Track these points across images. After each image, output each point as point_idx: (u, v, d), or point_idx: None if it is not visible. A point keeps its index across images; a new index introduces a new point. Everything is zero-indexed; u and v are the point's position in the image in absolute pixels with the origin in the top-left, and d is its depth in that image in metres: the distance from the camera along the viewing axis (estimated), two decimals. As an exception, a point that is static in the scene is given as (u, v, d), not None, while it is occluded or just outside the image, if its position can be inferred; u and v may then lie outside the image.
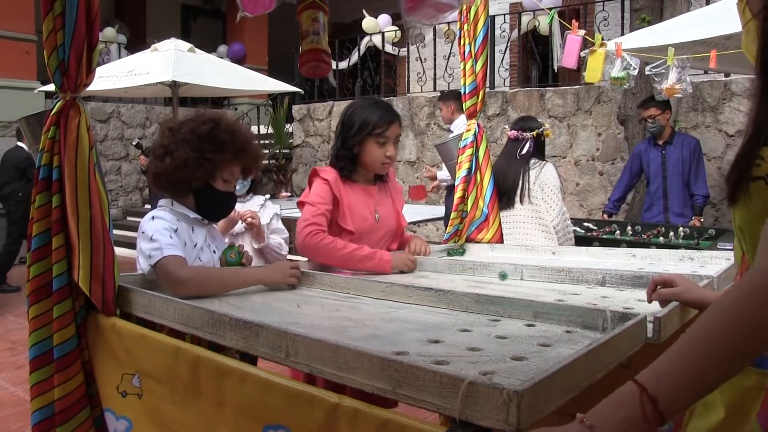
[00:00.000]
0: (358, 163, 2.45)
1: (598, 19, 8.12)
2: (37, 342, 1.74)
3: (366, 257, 2.29)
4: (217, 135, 1.98)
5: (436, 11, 1.98)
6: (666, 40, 4.02)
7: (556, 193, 3.53)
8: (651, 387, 0.89)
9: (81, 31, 1.62)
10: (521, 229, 3.51)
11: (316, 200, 2.36)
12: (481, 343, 1.33)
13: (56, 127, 1.68)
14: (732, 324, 0.90)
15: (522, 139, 3.65)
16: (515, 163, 3.63)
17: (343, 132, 2.45)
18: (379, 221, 2.49)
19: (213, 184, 2.03)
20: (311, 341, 1.20)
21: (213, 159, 1.97)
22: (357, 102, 2.53)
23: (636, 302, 1.72)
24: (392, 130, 2.41)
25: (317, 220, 2.31)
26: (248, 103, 12.49)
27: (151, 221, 1.93)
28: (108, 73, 7.65)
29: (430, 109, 8.68)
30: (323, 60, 2.23)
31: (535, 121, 3.79)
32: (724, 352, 0.90)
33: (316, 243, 2.27)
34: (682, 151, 5.03)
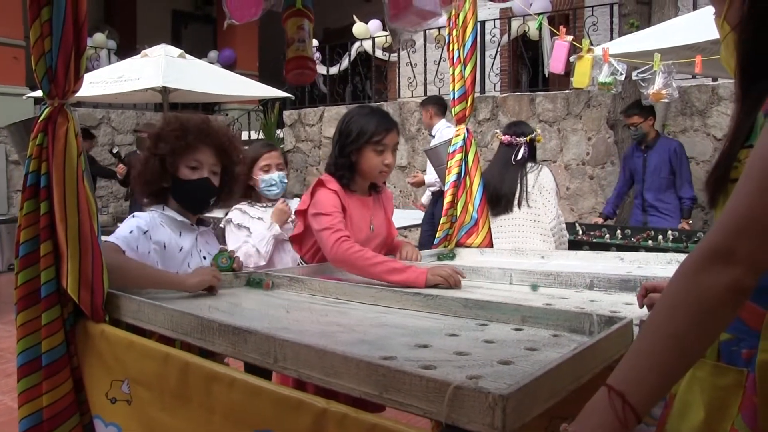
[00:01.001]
0: (356, 171, 2.42)
1: (588, 24, 8.17)
2: (26, 349, 1.73)
3: (399, 269, 2.13)
4: (162, 130, 2.05)
5: (420, 18, 2.00)
6: (653, 45, 4.05)
7: (553, 196, 3.55)
8: (616, 383, 0.92)
9: (69, 37, 1.62)
10: (520, 233, 3.51)
11: (331, 210, 2.28)
12: (468, 347, 1.34)
13: (44, 134, 1.68)
14: (677, 312, 0.94)
15: (516, 144, 3.65)
16: (511, 168, 3.62)
17: (341, 140, 2.42)
18: (374, 231, 2.48)
19: (179, 176, 2.05)
20: (299, 347, 1.20)
21: (162, 152, 2.02)
22: (354, 110, 2.50)
23: (623, 306, 1.73)
24: (390, 138, 2.39)
25: (342, 226, 2.25)
26: (239, 108, 12.47)
27: (131, 218, 2.04)
28: (98, 78, 7.62)
29: (420, 114, 8.70)
30: (308, 67, 2.24)
31: (527, 126, 3.81)
32: (677, 336, 0.93)
33: (346, 250, 2.17)
34: (662, 156, 5.13)
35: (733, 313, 0.94)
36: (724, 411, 1.13)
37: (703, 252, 0.94)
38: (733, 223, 0.92)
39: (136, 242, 1.96)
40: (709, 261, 0.92)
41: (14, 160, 8.91)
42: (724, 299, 0.91)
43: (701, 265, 0.93)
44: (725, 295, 0.91)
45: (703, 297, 0.92)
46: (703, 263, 0.93)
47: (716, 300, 0.91)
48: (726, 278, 0.90)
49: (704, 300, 0.92)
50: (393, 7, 1.93)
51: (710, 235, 0.94)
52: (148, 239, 1.98)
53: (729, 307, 0.93)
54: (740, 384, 1.11)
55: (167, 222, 2.07)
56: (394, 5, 1.93)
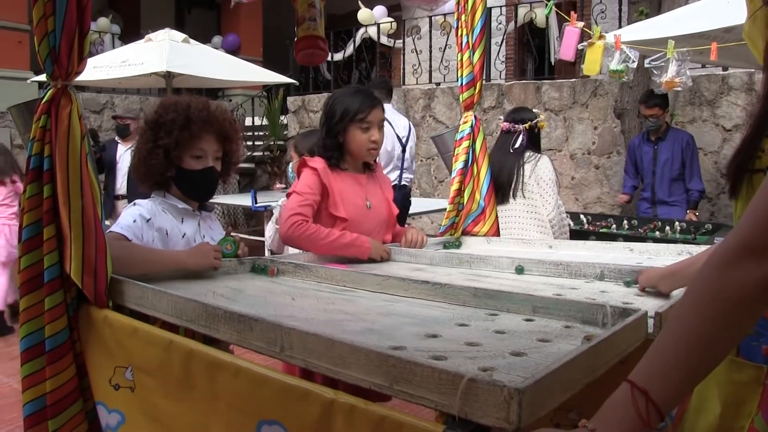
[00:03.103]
0: (344, 151, 2.48)
1: (596, 12, 8.08)
2: (29, 333, 1.71)
3: (348, 244, 2.33)
4: (164, 118, 2.00)
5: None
6: (665, 32, 3.98)
7: (552, 187, 3.47)
8: (640, 379, 0.88)
9: (72, 17, 1.58)
10: (516, 224, 3.47)
11: (303, 190, 2.40)
12: (479, 337, 1.31)
13: (47, 116, 1.65)
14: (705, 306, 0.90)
15: (514, 132, 3.57)
16: (509, 157, 3.55)
17: (327, 121, 2.49)
18: (371, 209, 2.50)
19: (183, 166, 2.02)
20: (306, 335, 1.18)
21: (166, 143, 1.97)
22: (338, 91, 2.57)
23: (635, 297, 1.70)
24: (374, 115, 2.44)
25: (302, 211, 2.34)
26: (243, 94, 12.40)
27: (132, 206, 2.01)
28: (101, 63, 7.58)
29: (425, 101, 8.64)
30: (319, 47, 2.20)
31: (528, 112, 3.69)
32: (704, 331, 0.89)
33: (300, 233, 2.31)
34: (673, 147, 5.07)
35: (763, 309, 0.91)
36: (741, 407, 1.10)
37: (734, 246, 0.90)
38: (766, 216, 0.88)
39: (140, 231, 1.94)
40: (740, 255, 0.89)
41: (19, 144, 8.87)
42: (755, 295, 0.88)
43: (731, 259, 0.89)
44: (756, 291, 0.87)
45: (733, 292, 0.88)
46: (734, 258, 0.89)
47: (747, 295, 0.88)
48: (758, 273, 0.87)
49: (734, 295, 0.88)
50: None
51: (740, 229, 0.91)
52: (151, 227, 1.97)
53: (760, 303, 0.89)
54: (759, 380, 1.09)
55: (169, 209, 2.05)
56: None
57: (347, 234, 2.35)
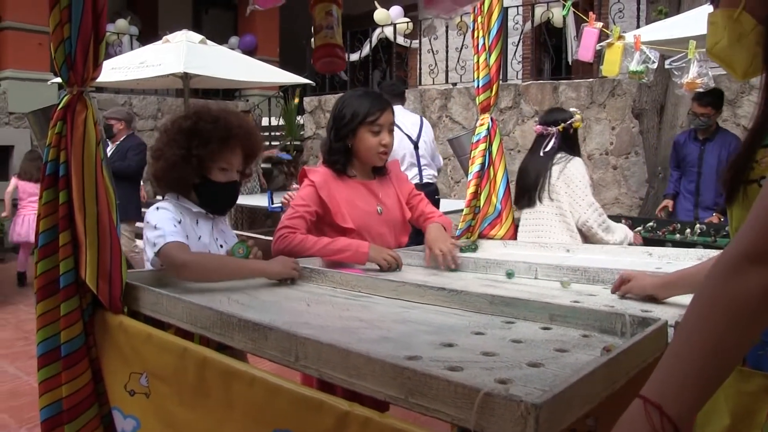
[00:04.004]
0: (353, 155, 2.42)
1: (613, 11, 8.01)
2: (45, 339, 1.72)
3: (341, 249, 2.26)
4: (200, 128, 1.98)
5: (456, 4, 1.92)
6: (686, 32, 3.92)
7: (583, 189, 3.26)
8: (652, 394, 0.87)
9: (87, 24, 1.59)
10: (544, 227, 3.31)
11: (297, 203, 2.36)
12: (495, 347, 1.29)
13: (63, 122, 1.65)
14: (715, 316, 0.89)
15: (547, 135, 3.39)
16: (539, 159, 3.39)
17: (335, 124, 2.42)
18: (382, 214, 2.44)
19: (210, 177, 2.02)
20: (321, 345, 1.16)
21: (200, 153, 1.97)
22: (347, 93, 2.49)
23: (655, 305, 1.67)
24: (385, 118, 2.37)
25: (291, 223, 2.30)
26: (259, 94, 12.44)
27: (155, 211, 1.97)
28: (120, 64, 7.64)
29: (441, 101, 8.62)
30: (337, 55, 2.19)
31: (562, 113, 3.48)
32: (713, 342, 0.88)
33: (286, 245, 2.27)
34: (721, 151, 4.84)
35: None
36: (751, 418, 1.09)
37: (737, 254, 0.89)
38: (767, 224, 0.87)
39: (184, 233, 1.95)
40: (744, 263, 0.88)
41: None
42: (762, 302, 0.86)
43: (735, 267, 0.88)
44: (762, 298, 0.86)
45: (739, 300, 0.87)
46: (737, 265, 0.88)
47: (753, 303, 0.87)
48: (762, 280, 0.86)
49: (740, 303, 0.87)
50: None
51: (742, 237, 0.90)
52: (183, 227, 1.97)
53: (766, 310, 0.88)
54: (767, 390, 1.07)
55: (185, 211, 2.05)
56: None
57: (340, 239, 2.29)
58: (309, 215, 2.34)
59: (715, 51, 1.20)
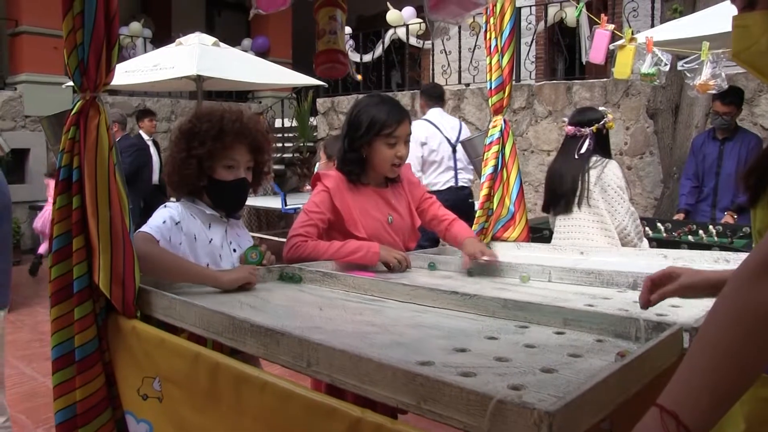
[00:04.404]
0: (366, 165, 2.36)
1: (627, 10, 7.96)
2: (60, 343, 1.73)
3: (353, 250, 2.25)
4: (197, 128, 2.00)
5: (462, 9, 1.91)
6: (700, 31, 3.87)
7: (620, 194, 3.16)
8: (669, 403, 0.86)
9: (100, 29, 1.59)
10: (581, 235, 3.19)
11: (310, 208, 2.33)
12: (508, 352, 1.28)
13: (76, 128, 1.66)
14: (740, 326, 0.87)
15: (580, 136, 3.26)
16: (574, 162, 3.25)
17: (350, 132, 2.35)
18: (393, 223, 2.41)
19: (215, 176, 2.03)
20: (333, 351, 1.16)
21: (200, 153, 1.98)
22: (363, 99, 2.41)
23: (670, 308, 1.65)
24: (402, 129, 2.31)
25: (303, 231, 2.28)
26: (272, 96, 12.47)
27: (162, 208, 2.02)
28: (134, 67, 7.68)
29: (455, 102, 8.59)
30: (339, 61, 2.17)
31: (594, 112, 3.33)
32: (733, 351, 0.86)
33: (299, 255, 2.26)
34: (740, 149, 4.76)
35: None
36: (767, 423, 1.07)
37: (758, 263, 0.87)
38: None
39: (168, 233, 1.94)
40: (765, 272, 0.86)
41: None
42: None
43: (758, 275, 0.87)
44: None
45: (761, 309, 0.85)
46: (761, 273, 0.86)
47: None
48: None
49: (762, 312, 0.85)
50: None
51: (763, 245, 0.88)
52: (180, 230, 1.97)
53: None
54: None
55: (198, 214, 2.06)
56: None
57: (350, 241, 2.27)
58: (321, 223, 2.32)
59: (745, 56, 1.13)
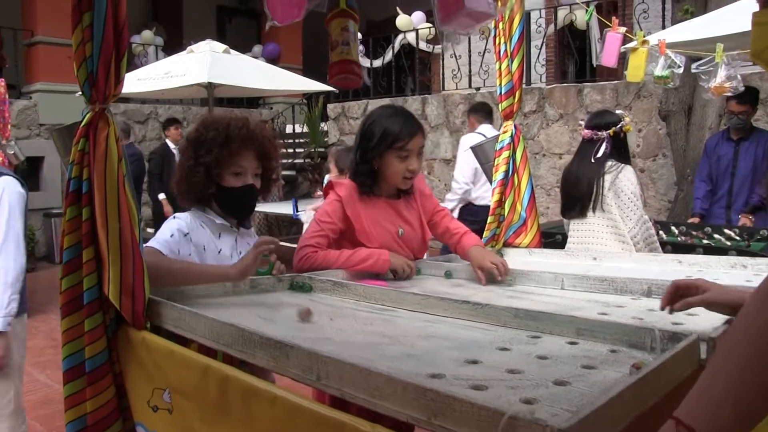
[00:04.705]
0: (378, 176, 2.35)
1: (638, 12, 7.92)
2: (70, 354, 1.72)
3: (364, 258, 2.24)
4: (204, 136, 2.01)
5: (472, 20, 1.89)
6: (713, 32, 3.82)
7: (633, 201, 3.15)
8: (687, 416, 0.83)
9: (109, 41, 1.59)
10: (596, 240, 3.18)
11: (322, 218, 2.32)
12: (521, 364, 1.26)
13: (86, 139, 1.66)
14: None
15: (597, 140, 3.23)
16: (590, 166, 3.23)
17: (362, 144, 2.34)
18: (403, 236, 2.39)
19: (223, 184, 2.03)
20: (343, 364, 1.15)
21: (207, 161, 1.98)
22: (377, 111, 2.40)
23: (685, 317, 1.63)
24: (415, 143, 2.29)
25: (314, 242, 2.27)
26: (283, 102, 12.51)
27: (171, 219, 2.03)
28: (145, 75, 7.74)
29: (465, 106, 8.57)
30: (353, 71, 2.15)
31: (611, 115, 3.32)
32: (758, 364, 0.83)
33: (310, 265, 2.24)
34: (756, 149, 4.70)
35: None
36: None
37: None
38: None
39: (177, 246, 1.95)
40: None
41: (66, 157, 9.10)
42: None
43: None
44: None
45: None
46: None
47: None
48: None
49: None
50: (443, 9, 1.83)
51: None
52: (188, 241, 1.98)
53: None
54: None
55: (207, 223, 2.06)
56: (443, 7, 1.83)
57: (360, 250, 2.26)
58: (332, 233, 2.31)
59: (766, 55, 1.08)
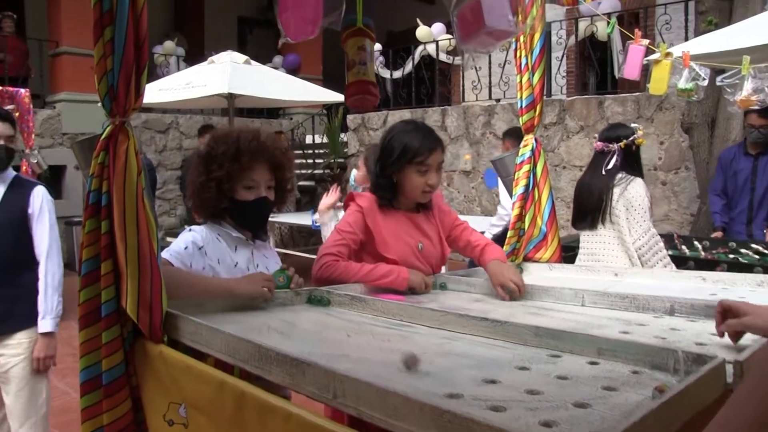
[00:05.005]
0: (398, 190, 2.36)
1: (660, 23, 7.84)
2: (87, 366, 1.72)
3: (384, 274, 2.23)
4: (215, 150, 2.01)
5: (493, 39, 1.87)
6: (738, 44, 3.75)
7: (641, 214, 3.16)
8: None
9: (129, 56, 1.60)
10: (606, 252, 3.19)
11: (343, 228, 2.32)
12: (540, 384, 1.24)
13: (105, 152, 1.67)
14: None
15: (608, 152, 3.28)
16: (601, 178, 3.26)
17: (382, 158, 2.36)
18: (423, 251, 2.38)
19: (236, 197, 2.03)
20: (359, 383, 1.13)
21: (218, 176, 1.99)
22: (397, 126, 2.42)
23: (709, 336, 1.59)
24: (434, 158, 2.30)
25: (335, 250, 2.26)
26: (303, 112, 12.57)
27: (186, 231, 2.04)
28: (167, 86, 7.81)
29: (485, 118, 8.55)
30: (370, 92, 2.15)
31: (624, 129, 3.37)
32: None
33: (330, 274, 2.22)
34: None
35: None
36: None
37: None
38: None
39: (190, 258, 1.95)
40: None
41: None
42: None
43: None
44: None
45: None
46: None
47: None
48: None
49: None
50: (463, 27, 1.81)
51: None
52: (203, 255, 1.97)
53: None
54: None
55: (223, 236, 2.06)
56: (464, 26, 1.81)
57: (381, 265, 2.25)
58: (353, 243, 2.30)
59: None
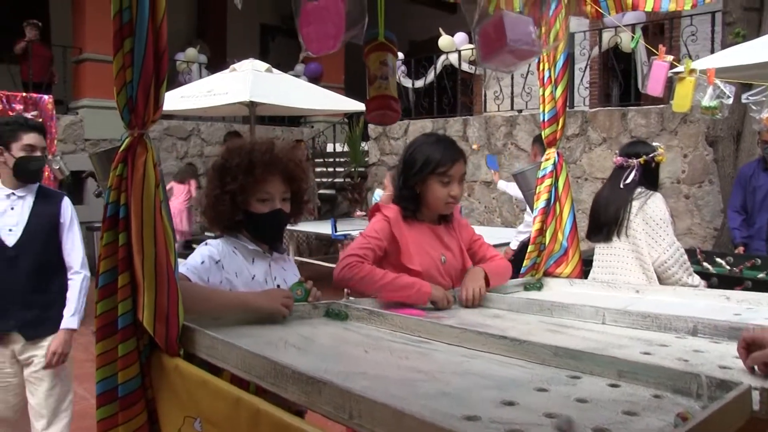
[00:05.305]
0: (421, 202, 2.37)
1: (685, 34, 7.76)
2: (103, 378, 1.72)
3: (406, 286, 2.19)
4: (228, 163, 2.00)
5: (515, 58, 1.84)
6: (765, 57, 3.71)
7: (663, 228, 3.11)
8: None
9: (149, 67, 1.60)
10: (618, 266, 3.18)
11: (369, 233, 2.32)
12: (559, 407, 1.21)
13: (124, 164, 1.66)
14: None
15: (627, 167, 3.28)
16: (619, 192, 3.25)
17: (405, 170, 2.37)
18: (446, 263, 2.38)
19: (250, 210, 2.02)
20: (375, 404, 1.11)
21: (232, 189, 1.98)
22: (419, 138, 2.44)
23: (734, 359, 1.55)
24: (456, 169, 2.32)
25: (360, 252, 2.25)
26: (324, 121, 12.61)
27: (203, 245, 2.03)
28: (189, 93, 7.87)
29: (507, 128, 8.51)
30: (391, 108, 2.14)
31: (644, 146, 3.40)
32: None
33: (353, 275, 2.19)
34: None
35: None
36: None
37: None
38: None
39: (207, 273, 1.94)
40: None
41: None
42: None
43: None
44: None
45: None
46: None
47: None
48: None
49: None
50: (485, 45, 1.79)
51: None
52: (220, 269, 1.96)
53: None
54: None
55: (240, 249, 2.05)
56: (485, 44, 1.79)
57: (404, 276, 2.22)
58: (378, 249, 2.30)
59: None
